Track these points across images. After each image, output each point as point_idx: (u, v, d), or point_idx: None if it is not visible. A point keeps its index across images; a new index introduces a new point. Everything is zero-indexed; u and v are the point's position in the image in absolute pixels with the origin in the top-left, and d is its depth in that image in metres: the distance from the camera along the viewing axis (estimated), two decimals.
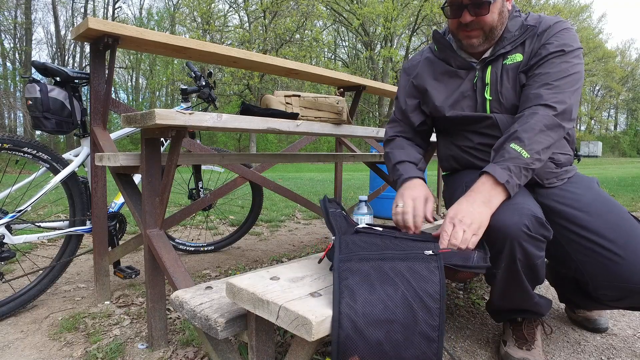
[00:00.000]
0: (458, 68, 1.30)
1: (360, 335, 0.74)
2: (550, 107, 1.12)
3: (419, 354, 0.77)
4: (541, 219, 1.06)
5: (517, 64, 1.22)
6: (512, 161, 1.08)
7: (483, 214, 1.04)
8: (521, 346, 1.25)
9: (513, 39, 1.23)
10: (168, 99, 28.59)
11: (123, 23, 1.53)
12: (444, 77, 1.33)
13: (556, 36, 1.18)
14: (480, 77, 1.26)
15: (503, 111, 1.24)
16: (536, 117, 1.11)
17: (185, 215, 1.89)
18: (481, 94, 1.27)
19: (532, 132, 1.09)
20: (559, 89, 1.13)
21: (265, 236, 3.19)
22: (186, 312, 0.99)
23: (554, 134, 1.11)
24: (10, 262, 2.28)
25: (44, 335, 1.45)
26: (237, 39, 20.21)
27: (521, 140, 1.09)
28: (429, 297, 0.80)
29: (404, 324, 0.77)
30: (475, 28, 1.20)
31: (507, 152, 1.09)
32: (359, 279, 0.82)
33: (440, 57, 1.35)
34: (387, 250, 0.93)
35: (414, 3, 20.94)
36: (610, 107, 44.33)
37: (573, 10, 30.39)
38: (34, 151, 1.59)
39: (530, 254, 1.05)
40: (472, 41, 1.22)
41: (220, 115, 1.18)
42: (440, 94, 1.33)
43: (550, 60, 1.16)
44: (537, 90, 1.15)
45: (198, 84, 2.27)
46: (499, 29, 1.22)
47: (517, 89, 1.22)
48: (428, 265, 0.86)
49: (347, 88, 2.59)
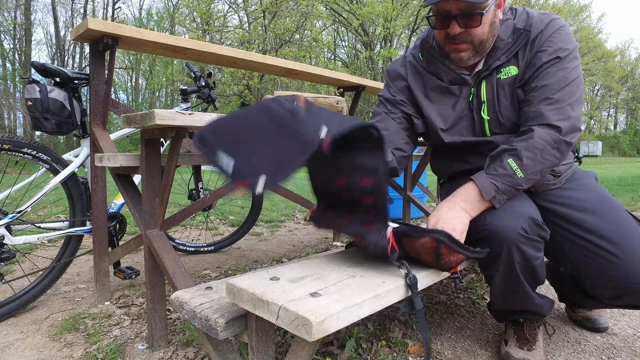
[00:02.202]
0: (450, 84, 1.20)
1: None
2: (554, 127, 1.06)
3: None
4: (537, 220, 1.06)
5: (513, 78, 1.14)
6: (504, 178, 1.05)
7: (463, 220, 1.03)
8: (522, 346, 1.25)
9: (507, 47, 1.13)
10: (168, 100, 28.57)
11: (122, 24, 1.53)
12: (435, 94, 1.23)
13: (549, 40, 1.10)
14: (476, 94, 1.18)
15: (504, 131, 1.17)
16: (540, 136, 1.05)
17: (185, 216, 1.88)
18: (478, 113, 1.18)
19: (534, 152, 1.05)
20: (559, 103, 1.07)
21: (265, 236, 3.18)
22: (186, 313, 0.99)
23: (558, 154, 1.07)
24: (10, 263, 2.28)
25: (44, 336, 1.45)
26: (236, 40, 20.20)
27: (520, 159, 1.05)
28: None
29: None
30: (463, 41, 1.09)
31: (502, 166, 1.06)
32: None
33: (429, 70, 1.24)
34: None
35: (414, 3, 20.94)
36: (610, 106, 44.31)
37: (572, 10, 30.37)
38: (33, 152, 1.59)
39: (529, 256, 1.05)
40: (461, 55, 1.12)
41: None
42: (435, 116, 1.22)
43: (546, 70, 1.09)
44: (537, 107, 1.08)
45: (198, 85, 2.27)
46: (490, 42, 1.11)
47: (516, 105, 1.15)
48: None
49: (346, 88, 2.59)
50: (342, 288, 0.89)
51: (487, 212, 1.08)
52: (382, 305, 0.89)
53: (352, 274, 0.99)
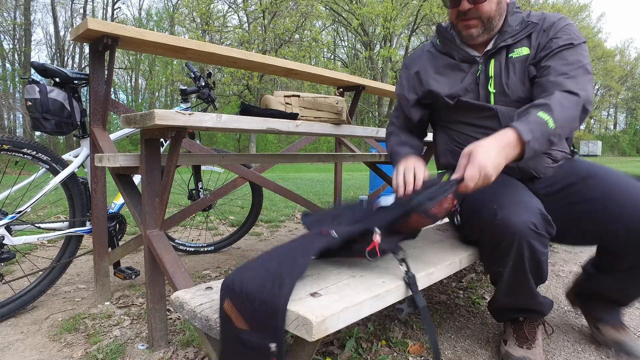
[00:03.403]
0: (461, 61, 1.31)
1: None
2: (573, 93, 1.10)
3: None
4: (547, 215, 1.07)
5: (525, 56, 1.22)
6: (538, 126, 1.02)
7: (499, 165, 0.99)
8: (522, 345, 1.25)
9: (514, 32, 1.24)
10: (167, 100, 28.58)
11: (122, 24, 1.53)
12: (447, 70, 1.33)
13: (563, 30, 1.20)
14: (484, 71, 1.27)
15: (508, 103, 1.24)
16: (563, 96, 1.09)
17: (185, 216, 1.89)
18: (484, 87, 1.27)
19: (560, 106, 1.06)
20: (576, 79, 1.13)
21: (265, 236, 3.18)
22: (186, 313, 0.99)
23: (579, 114, 1.09)
24: (10, 263, 2.28)
25: (44, 337, 1.45)
26: (236, 40, 20.19)
27: (550, 110, 1.04)
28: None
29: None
30: (473, 17, 1.21)
31: (534, 117, 1.04)
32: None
33: (442, 51, 1.35)
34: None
35: (413, 3, 20.94)
36: (610, 106, 44.31)
37: (572, 10, 30.40)
38: (33, 152, 1.59)
39: (537, 251, 1.06)
40: (471, 31, 1.23)
41: (220, 115, 1.18)
42: (443, 86, 1.32)
43: (561, 52, 1.17)
44: (555, 78, 1.14)
45: (197, 85, 2.27)
46: (497, 19, 1.23)
47: (526, 81, 1.22)
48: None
49: (346, 88, 2.59)
50: (342, 288, 0.89)
51: (496, 205, 1.08)
52: (382, 305, 0.89)
53: (352, 274, 0.99)
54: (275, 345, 0.75)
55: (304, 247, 0.91)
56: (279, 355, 0.75)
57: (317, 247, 0.89)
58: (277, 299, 0.77)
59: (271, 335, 0.76)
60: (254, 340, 0.78)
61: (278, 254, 0.91)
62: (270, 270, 0.84)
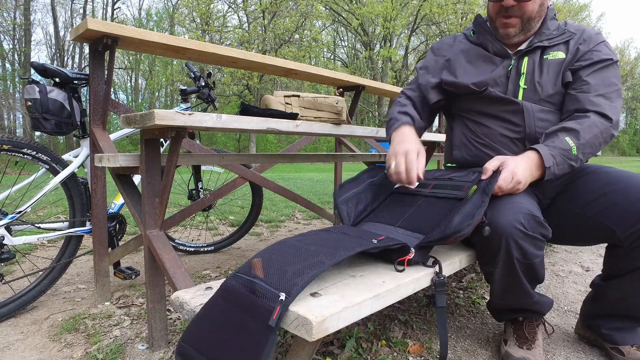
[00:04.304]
0: (494, 54, 1.31)
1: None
2: (608, 118, 1.17)
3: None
4: (538, 217, 1.06)
5: (560, 60, 1.24)
6: (561, 152, 1.12)
7: (527, 178, 1.11)
8: (522, 345, 1.25)
9: (552, 36, 1.26)
10: (167, 100, 28.56)
11: (122, 24, 1.53)
12: (478, 61, 1.34)
13: (601, 44, 1.23)
14: (515, 66, 1.28)
15: (536, 101, 1.25)
16: (596, 122, 1.16)
17: (185, 216, 1.89)
18: (514, 83, 1.28)
19: (589, 134, 1.14)
20: (612, 101, 1.19)
21: (265, 236, 3.18)
22: (186, 313, 0.99)
23: (603, 142, 1.18)
24: (10, 263, 2.28)
25: (44, 337, 1.45)
26: (236, 40, 20.18)
27: (577, 138, 1.13)
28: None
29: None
30: (514, 15, 1.21)
31: (560, 141, 1.13)
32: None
33: (476, 42, 1.36)
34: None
35: (413, 3, 20.92)
36: None
37: (572, 10, 30.36)
38: (33, 152, 1.59)
39: (528, 252, 1.05)
40: (509, 30, 1.24)
41: (220, 115, 1.18)
42: (471, 75, 1.32)
43: (602, 68, 1.21)
44: (594, 98, 1.19)
45: (197, 85, 2.27)
46: (536, 22, 1.24)
47: (558, 83, 1.24)
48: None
49: (346, 88, 2.59)
50: (342, 288, 0.89)
51: (487, 207, 1.09)
52: (382, 305, 0.89)
53: (352, 274, 0.99)
54: (285, 296, 0.77)
55: (344, 243, 0.96)
56: (282, 308, 0.76)
57: (358, 248, 0.94)
58: (311, 269, 0.83)
59: (285, 289, 0.79)
60: (266, 288, 0.80)
61: (315, 240, 0.97)
62: (310, 251, 0.90)
